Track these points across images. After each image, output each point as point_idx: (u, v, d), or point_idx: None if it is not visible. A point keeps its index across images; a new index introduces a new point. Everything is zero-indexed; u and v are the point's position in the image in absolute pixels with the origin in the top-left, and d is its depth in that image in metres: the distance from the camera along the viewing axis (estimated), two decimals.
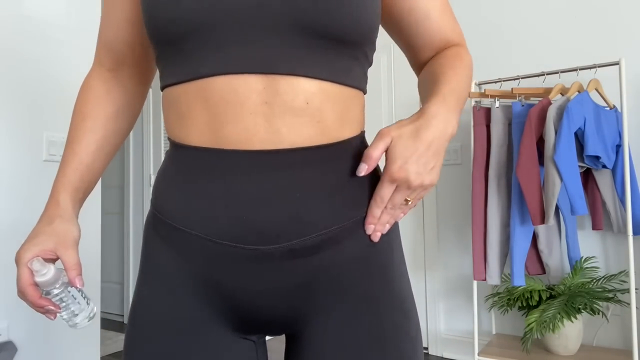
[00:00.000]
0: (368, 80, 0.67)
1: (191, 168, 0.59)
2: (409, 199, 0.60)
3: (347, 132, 0.61)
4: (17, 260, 0.63)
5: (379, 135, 0.58)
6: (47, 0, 1.86)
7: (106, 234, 3.59)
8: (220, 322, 0.62)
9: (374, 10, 0.61)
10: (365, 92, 0.66)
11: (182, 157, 0.61)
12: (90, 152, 0.71)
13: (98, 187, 1.98)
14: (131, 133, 3.50)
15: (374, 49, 0.66)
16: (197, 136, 0.59)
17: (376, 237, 0.62)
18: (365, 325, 0.60)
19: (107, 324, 3.42)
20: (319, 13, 0.55)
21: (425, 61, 0.74)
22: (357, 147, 0.63)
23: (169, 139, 0.64)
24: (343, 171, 0.60)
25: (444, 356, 2.70)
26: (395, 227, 0.66)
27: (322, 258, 0.59)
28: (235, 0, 0.55)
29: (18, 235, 1.65)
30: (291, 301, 0.60)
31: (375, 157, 0.58)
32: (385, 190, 0.59)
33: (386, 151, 0.58)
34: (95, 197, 1.94)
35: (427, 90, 0.65)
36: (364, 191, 0.62)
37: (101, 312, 1.80)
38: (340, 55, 0.59)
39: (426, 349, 2.79)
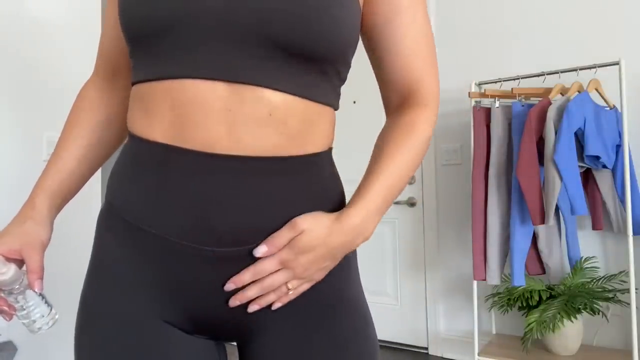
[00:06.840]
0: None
1: (152, 163, 0.58)
2: (289, 286, 0.58)
3: (311, 146, 0.61)
4: None
5: (291, 224, 0.57)
6: (47, 1, 1.86)
7: None
8: (175, 322, 0.61)
9: (346, 30, 0.59)
10: (336, 109, 0.66)
11: (142, 152, 0.60)
12: (74, 158, 0.71)
13: (98, 186, 1.98)
14: None
15: (347, 67, 0.65)
16: (161, 132, 0.58)
17: (233, 303, 0.58)
18: (324, 332, 0.61)
19: None
20: (286, 28, 0.54)
21: (388, 102, 0.70)
22: (323, 165, 0.63)
23: (130, 133, 0.63)
24: (304, 185, 0.60)
25: (444, 356, 2.70)
26: None
27: None
28: (206, 6, 0.55)
29: None
30: (243, 306, 0.60)
31: (278, 245, 0.57)
32: (267, 265, 0.57)
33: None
34: (95, 196, 1.94)
35: (366, 172, 0.64)
36: (322, 206, 0.61)
37: None
38: (307, 70, 0.58)
39: (426, 349, 2.78)
